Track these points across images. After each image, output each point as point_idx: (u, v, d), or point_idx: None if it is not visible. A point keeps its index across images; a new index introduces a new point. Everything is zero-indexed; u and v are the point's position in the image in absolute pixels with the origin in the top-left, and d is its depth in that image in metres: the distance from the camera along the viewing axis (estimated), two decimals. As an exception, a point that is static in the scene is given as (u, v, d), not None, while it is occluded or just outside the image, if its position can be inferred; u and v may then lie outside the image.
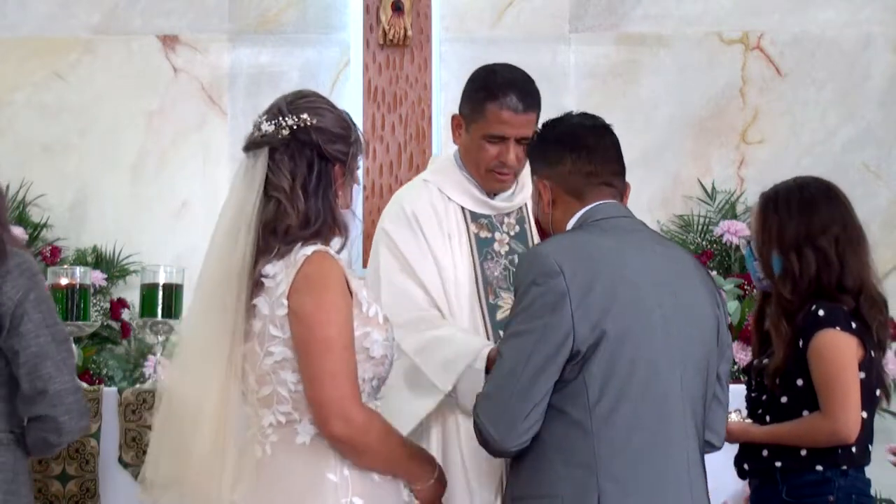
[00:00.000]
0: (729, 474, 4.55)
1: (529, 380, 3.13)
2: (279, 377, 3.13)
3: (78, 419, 3.51)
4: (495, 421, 3.15)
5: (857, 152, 5.95)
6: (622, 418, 3.19)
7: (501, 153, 4.06)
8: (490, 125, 4.05)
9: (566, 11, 6.01)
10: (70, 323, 4.81)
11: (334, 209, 3.18)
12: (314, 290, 3.10)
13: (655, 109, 5.76)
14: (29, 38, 5.99)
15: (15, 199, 5.83)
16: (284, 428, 3.15)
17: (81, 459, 4.54)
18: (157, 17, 6.00)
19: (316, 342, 3.08)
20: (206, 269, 3.21)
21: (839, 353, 3.82)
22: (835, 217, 3.91)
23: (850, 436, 3.81)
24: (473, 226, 4.16)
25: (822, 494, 3.83)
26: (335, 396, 3.09)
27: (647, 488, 3.21)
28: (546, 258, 3.19)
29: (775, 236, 3.90)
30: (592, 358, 3.16)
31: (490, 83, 4.08)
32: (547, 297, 3.15)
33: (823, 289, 3.87)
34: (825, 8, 6.02)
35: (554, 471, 3.16)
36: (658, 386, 3.24)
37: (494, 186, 4.15)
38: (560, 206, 3.35)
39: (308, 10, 5.98)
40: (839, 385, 3.80)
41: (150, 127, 5.99)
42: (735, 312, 5.50)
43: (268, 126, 3.20)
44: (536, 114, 4.06)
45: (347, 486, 3.10)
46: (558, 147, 3.37)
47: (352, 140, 3.22)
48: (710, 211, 5.90)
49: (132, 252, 5.81)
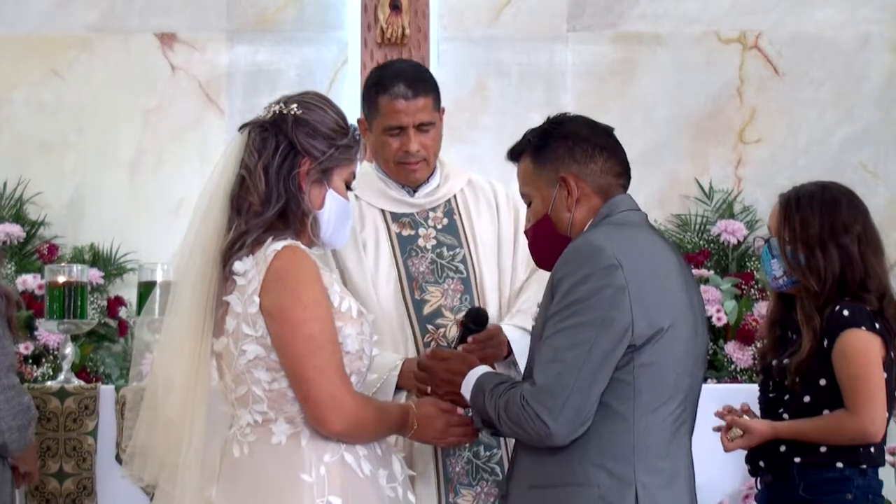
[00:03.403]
0: (727, 473, 4.57)
1: (591, 373, 3.11)
2: (253, 376, 3.12)
3: (10, 419, 3.48)
4: (554, 413, 3.10)
5: (855, 152, 5.98)
6: (663, 412, 3.21)
7: (403, 143, 4.10)
8: (386, 118, 4.09)
9: (563, 10, 6.03)
10: (67, 321, 4.82)
11: (297, 197, 3.17)
12: (287, 286, 3.09)
13: (653, 109, 5.77)
14: (27, 36, 6.01)
15: (12, 197, 5.87)
16: (261, 427, 3.15)
17: (78, 457, 4.55)
18: (154, 16, 6.02)
19: (300, 340, 3.09)
20: (188, 241, 3.22)
21: (865, 353, 3.83)
22: (857, 217, 3.94)
23: (877, 434, 3.84)
24: (395, 226, 4.17)
25: (841, 492, 3.85)
26: (328, 393, 3.09)
27: (679, 481, 3.24)
28: (604, 251, 3.16)
29: (799, 233, 3.92)
30: (642, 351, 3.16)
31: (380, 78, 4.14)
32: (606, 290, 3.13)
33: (848, 287, 3.89)
34: (823, 7, 6.04)
35: (588, 460, 3.14)
36: (692, 381, 3.28)
37: (409, 178, 4.17)
38: (584, 204, 3.32)
39: (306, 8, 6.01)
40: (866, 384, 3.82)
41: (147, 125, 6.01)
42: (732, 312, 5.53)
43: (263, 111, 3.24)
44: (430, 99, 4.12)
45: (324, 486, 3.09)
46: (587, 146, 3.34)
47: (337, 143, 3.21)
48: (707, 210, 5.93)
49: (129, 250, 5.83)
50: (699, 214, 5.92)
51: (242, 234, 3.14)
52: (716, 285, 5.61)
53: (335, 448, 3.14)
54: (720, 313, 5.51)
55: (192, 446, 3.12)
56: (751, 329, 5.48)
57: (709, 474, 4.51)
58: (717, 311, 5.50)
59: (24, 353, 5.33)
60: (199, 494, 3.14)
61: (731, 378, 5.42)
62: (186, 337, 3.16)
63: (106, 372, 5.44)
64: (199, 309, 3.15)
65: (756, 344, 5.38)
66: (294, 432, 3.13)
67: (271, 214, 3.14)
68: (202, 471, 3.15)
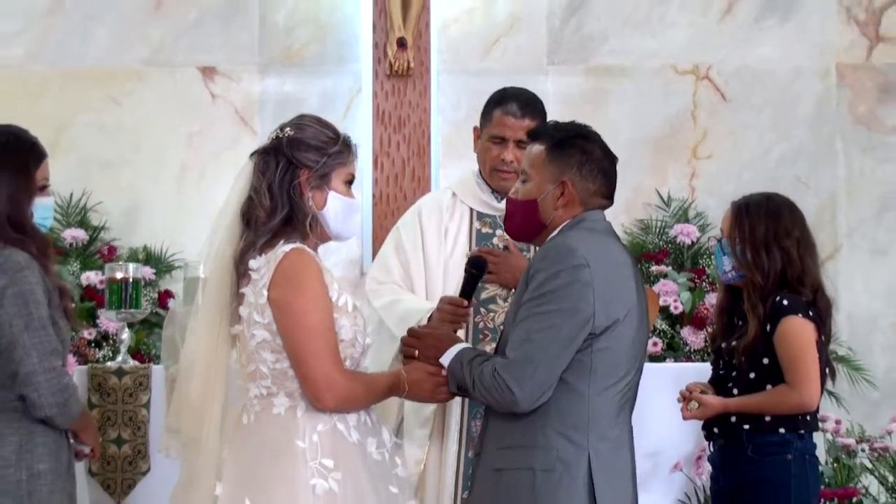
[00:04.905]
0: (683, 439, 4.55)
1: (556, 353, 3.13)
2: (261, 356, 3.14)
3: (50, 397, 3.40)
4: (522, 384, 3.12)
5: (790, 166, 5.96)
6: (613, 390, 3.22)
7: (502, 152, 4.11)
8: (494, 127, 4.12)
9: (544, 47, 6.01)
10: (124, 311, 4.80)
11: (299, 205, 3.19)
12: (292, 283, 3.11)
13: (619, 130, 5.76)
14: (90, 69, 5.98)
15: (78, 206, 5.85)
16: (265, 399, 3.17)
17: (134, 426, 4.54)
18: (197, 52, 6.00)
19: (301, 329, 3.11)
20: (209, 249, 3.25)
21: (802, 336, 3.86)
22: (796, 224, 3.97)
23: (812, 404, 3.87)
24: (478, 223, 4.20)
25: (782, 453, 3.87)
26: (323, 374, 3.11)
27: (624, 448, 3.27)
28: (576, 252, 3.17)
29: (748, 236, 3.93)
30: (599, 338, 3.18)
31: (500, 95, 4.18)
32: (575, 284, 3.14)
33: (787, 281, 3.92)
34: (763, 45, 6.03)
35: (549, 426, 3.16)
36: (637, 364, 3.30)
37: (500, 184, 4.15)
38: (569, 207, 3.30)
39: (326, 45, 5.97)
40: (803, 362, 3.85)
41: (191, 145, 5.98)
42: (687, 302, 5.53)
43: (268, 139, 3.28)
44: (535, 122, 4.07)
45: (316, 450, 3.10)
46: (594, 166, 3.31)
47: (329, 151, 3.22)
48: (666, 216, 5.91)
49: (176, 250, 5.79)
50: (659, 219, 5.90)
51: (252, 242, 3.17)
52: (673, 279, 5.61)
53: (328, 419, 3.15)
54: (677, 303, 5.50)
55: (212, 423, 3.16)
56: (703, 316, 5.47)
57: (668, 440, 4.57)
58: (674, 301, 5.49)
59: (87, 339, 5.34)
60: (216, 458, 3.16)
61: (686, 357, 5.42)
62: (207, 327, 3.20)
63: (157, 354, 5.45)
64: (216, 304, 3.19)
65: (707, 329, 5.39)
66: (291, 405, 3.15)
67: (276, 223, 3.17)
68: (222, 435, 3.18)
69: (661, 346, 5.40)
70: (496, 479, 3.21)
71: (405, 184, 5.66)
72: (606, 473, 3.18)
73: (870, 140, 5.95)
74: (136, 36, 5.97)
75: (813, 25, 5.99)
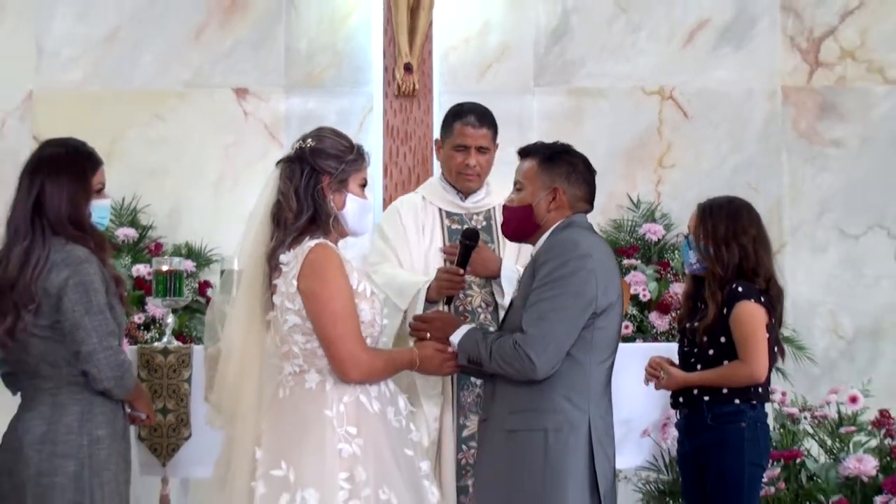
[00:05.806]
0: (650, 407, 4.52)
1: (566, 330, 3.17)
2: (293, 338, 3.15)
3: (108, 371, 3.35)
4: (540, 355, 3.15)
5: (743, 174, 5.95)
6: (606, 364, 3.29)
7: (466, 158, 4.11)
8: (456, 137, 4.13)
9: (531, 71, 5.98)
10: (169, 298, 4.70)
11: (322, 206, 3.17)
12: (318, 274, 3.10)
13: (596, 143, 5.70)
14: (137, 90, 5.96)
15: (128, 209, 5.83)
16: (298, 376, 3.17)
17: (177, 398, 4.47)
18: (232, 75, 5.98)
19: (327, 314, 3.10)
20: (243, 247, 3.25)
21: (753, 319, 3.85)
22: (752, 223, 3.95)
23: (761, 376, 3.86)
24: (447, 221, 4.20)
25: (738, 421, 3.86)
26: (347, 353, 3.12)
27: (610, 412, 3.33)
28: (579, 244, 3.23)
29: (710, 233, 3.92)
30: (599, 318, 3.22)
31: (457, 110, 4.20)
32: (581, 272, 3.19)
33: (744, 273, 3.90)
34: (719, 69, 6.00)
35: (557, 392, 3.21)
36: (617, 343, 3.35)
37: (465, 185, 4.17)
38: (559, 210, 3.36)
39: (343, 69, 5.94)
40: (754, 341, 3.84)
41: (227, 156, 5.98)
42: (654, 290, 5.51)
43: (291, 149, 3.27)
44: (490, 132, 4.13)
45: (343, 418, 3.10)
46: (579, 176, 3.39)
47: (346, 159, 3.21)
48: (635, 216, 5.91)
49: (214, 246, 5.80)
50: (630, 220, 5.90)
51: (281, 240, 3.17)
52: (642, 271, 5.60)
53: (352, 391, 3.15)
54: (645, 291, 5.47)
55: (248, 399, 3.16)
56: (668, 303, 5.45)
57: (638, 409, 4.51)
58: (643, 289, 5.47)
59: (137, 322, 5.32)
60: (254, 429, 3.15)
61: (653, 338, 5.42)
62: (242, 315, 3.19)
63: (198, 336, 5.39)
64: (250, 295, 3.19)
65: (672, 314, 5.37)
66: (321, 380, 3.16)
67: (303, 222, 3.17)
68: (260, 408, 3.17)
69: (631, 329, 5.37)
70: (508, 439, 3.24)
71: (411, 189, 5.52)
72: (600, 434, 3.23)
73: (810, 152, 5.95)
74: (178, 61, 5.96)
75: (762, 53, 5.97)
